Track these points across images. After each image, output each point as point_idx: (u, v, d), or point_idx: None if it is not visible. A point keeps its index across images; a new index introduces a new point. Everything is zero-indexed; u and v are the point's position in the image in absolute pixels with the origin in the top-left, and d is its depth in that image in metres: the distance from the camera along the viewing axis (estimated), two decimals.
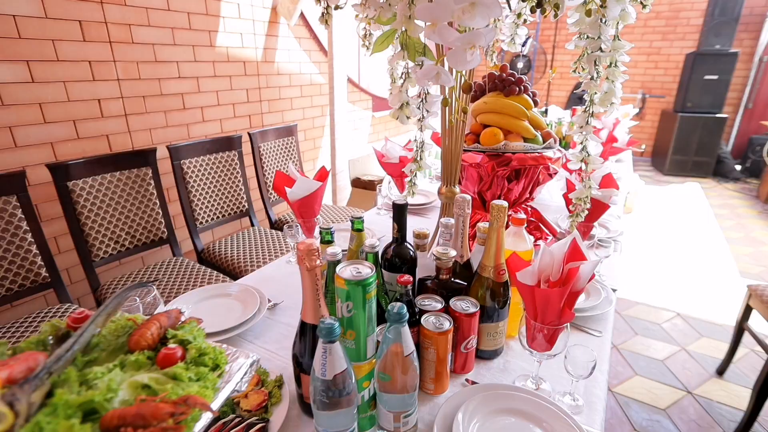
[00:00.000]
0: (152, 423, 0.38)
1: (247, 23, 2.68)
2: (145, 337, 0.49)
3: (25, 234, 1.47)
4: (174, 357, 0.48)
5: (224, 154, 2.07)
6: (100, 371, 0.44)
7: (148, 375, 0.45)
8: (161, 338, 0.52)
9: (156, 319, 0.53)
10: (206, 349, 0.50)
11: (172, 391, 0.42)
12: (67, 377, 0.43)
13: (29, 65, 1.80)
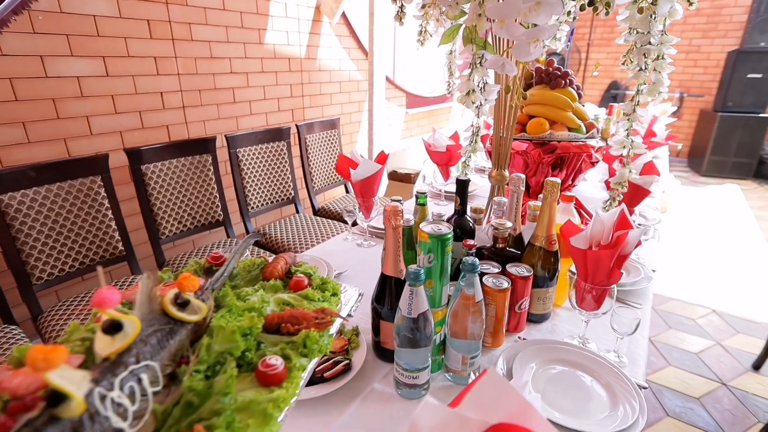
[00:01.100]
0: (302, 322, 0.50)
1: (292, 21, 2.85)
2: (277, 269, 0.63)
3: (107, 211, 1.66)
4: (303, 283, 0.61)
5: (274, 144, 2.23)
6: (249, 290, 0.57)
7: (287, 294, 0.58)
8: (286, 272, 0.65)
9: (282, 257, 0.67)
10: (326, 279, 0.63)
11: (309, 306, 0.55)
12: (225, 293, 0.57)
13: (105, 60, 2.00)
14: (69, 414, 0.33)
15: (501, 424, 0.36)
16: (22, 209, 1.44)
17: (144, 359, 0.40)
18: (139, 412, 0.38)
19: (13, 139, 1.79)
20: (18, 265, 1.45)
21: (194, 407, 0.38)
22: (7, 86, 1.73)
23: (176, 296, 0.47)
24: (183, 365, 0.43)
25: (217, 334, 0.45)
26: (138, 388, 0.38)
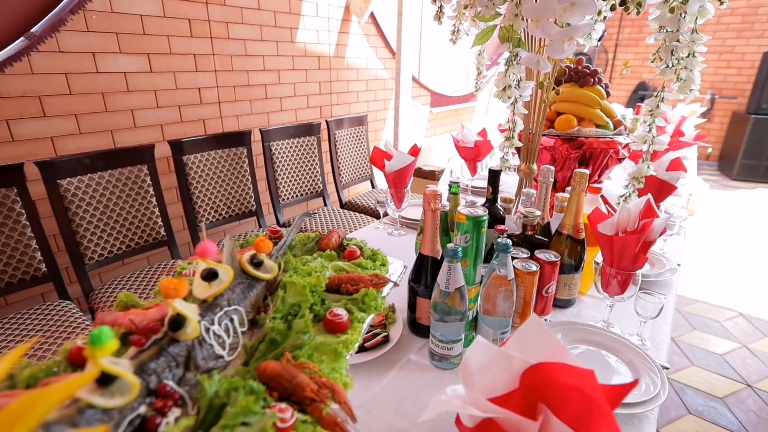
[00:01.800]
0: (359, 284, 0.58)
1: (323, 21, 2.94)
2: (331, 241, 0.70)
3: (151, 198, 1.77)
4: (356, 254, 0.68)
5: (305, 139, 2.33)
6: (308, 258, 0.65)
7: (342, 263, 0.65)
8: (339, 244, 0.73)
9: (335, 232, 0.74)
10: (376, 251, 0.71)
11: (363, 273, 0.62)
12: (288, 260, 0.65)
13: (149, 57, 2.13)
14: (185, 338, 0.41)
15: (540, 364, 0.42)
16: (78, 194, 1.57)
17: (233, 304, 0.48)
18: (233, 345, 0.46)
19: (66, 130, 1.92)
20: (73, 245, 1.58)
21: (277, 343, 0.45)
22: (63, 81, 1.87)
23: (252, 257, 0.55)
24: (261, 313, 0.51)
25: (289, 289, 0.52)
26: (231, 326, 0.46)
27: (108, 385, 0.33)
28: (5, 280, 1.46)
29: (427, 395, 0.77)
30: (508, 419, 0.40)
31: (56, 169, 1.53)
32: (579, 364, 0.42)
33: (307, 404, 0.38)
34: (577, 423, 0.39)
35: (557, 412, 0.41)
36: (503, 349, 0.43)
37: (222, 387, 0.36)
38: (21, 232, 1.47)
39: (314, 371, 0.40)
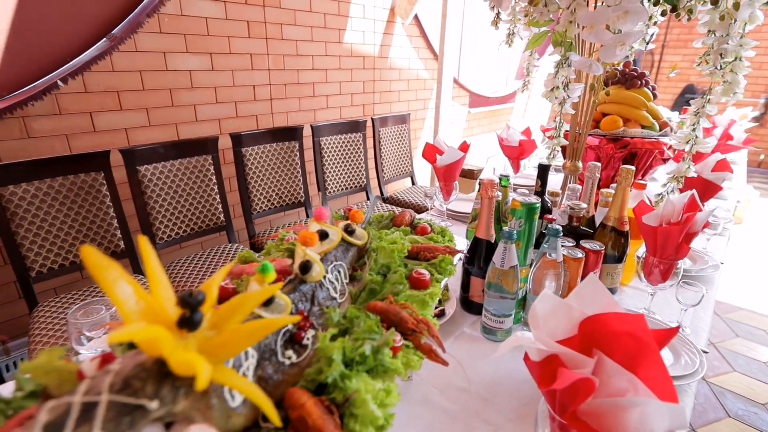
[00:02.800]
0: (435, 253, 0.68)
1: (368, 22, 3.07)
2: (405, 219, 0.82)
3: (214, 186, 1.94)
4: (427, 230, 0.79)
5: (351, 135, 2.46)
6: (387, 231, 0.76)
7: (416, 236, 0.76)
8: (410, 222, 0.84)
9: (407, 211, 0.85)
10: (444, 228, 0.81)
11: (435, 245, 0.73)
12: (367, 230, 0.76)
13: (211, 57, 2.31)
14: (311, 279, 0.53)
15: (596, 315, 0.52)
16: (153, 180, 1.75)
17: (338, 260, 0.60)
18: (342, 291, 0.57)
19: (138, 123, 2.13)
20: (147, 226, 1.77)
21: (376, 292, 0.57)
22: (137, 78, 2.07)
23: (347, 226, 0.67)
24: (358, 271, 0.63)
25: (380, 252, 0.64)
26: (339, 276, 0.58)
27: (269, 305, 0.45)
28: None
29: (480, 361, 0.87)
30: (568, 355, 0.49)
31: (136, 157, 1.71)
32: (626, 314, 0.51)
33: (408, 334, 0.49)
34: (628, 361, 0.49)
35: (610, 355, 0.50)
36: (565, 300, 0.52)
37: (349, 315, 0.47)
38: (105, 212, 1.66)
39: (412, 311, 0.51)
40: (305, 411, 0.36)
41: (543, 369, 0.50)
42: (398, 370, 0.44)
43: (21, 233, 1.49)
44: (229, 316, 0.37)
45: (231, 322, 0.35)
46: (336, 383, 0.39)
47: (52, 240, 1.56)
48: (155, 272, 0.35)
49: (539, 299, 0.53)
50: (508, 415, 0.74)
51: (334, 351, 0.41)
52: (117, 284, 0.32)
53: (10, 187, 1.46)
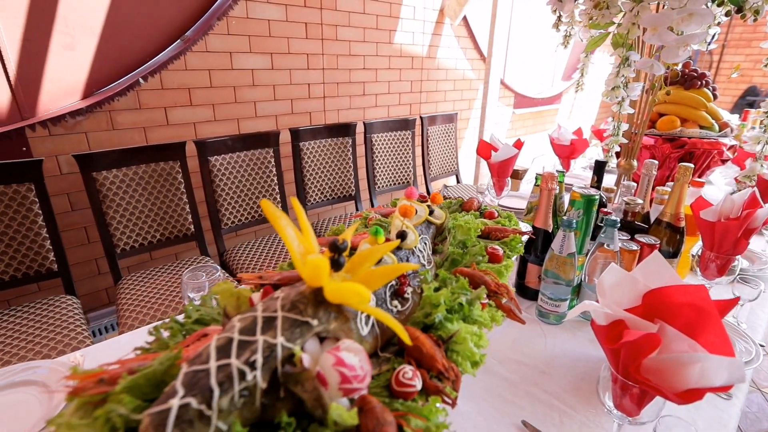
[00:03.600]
0: (505, 235, 0.76)
1: (418, 23, 3.16)
2: (473, 205, 0.90)
3: (273, 177, 2.09)
4: (494, 215, 0.87)
5: (401, 133, 2.56)
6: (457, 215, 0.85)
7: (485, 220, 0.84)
8: (478, 208, 0.92)
9: (474, 199, 0.94)
10: (510, 214, 0.89)
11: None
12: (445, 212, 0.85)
13: (272, 56, 2.47)
14: (406, 246, 0.62)
15: (659, 288, 0.58)
16: (222, 170, 1.91)
17: (423, 234, 0.69)
18: (428, 259, 0.66)
19: (205, 117, 2.31)
20: (214, 212, 1.93)
21: (457, 262, 0.65)
22: (206, 76, 2.25)
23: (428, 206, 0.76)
24: (438, 245, 0.72)
25: (457, 230, 0.72)
26: (425, 247, 0.67)
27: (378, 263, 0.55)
28: (166, 236, 1.83)
29: (536, 340, 0.94)
30: (633, 320, 0.56)
31: (207, 148, 1.87)
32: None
33: (491, 296, 0.57)
34: (689, 330, 0.55)
35: (672, 325, 0.56)
36: (630, 273, 0.59)
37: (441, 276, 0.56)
38: (179, 197, 1.83)
39: (494, 276, 0.59)
40: (420, 341, 0.45)
41: (609, 332, 0.57)
42: (486, 321, 0.52)
43: (110, 213, 1.68)
44: (360, 263, 0.46)
45: (363, 268, 0.45)
46: (441, 324, 0.48)
47: (134, 221, 1.74)
48: (307, 226, 0.45)
49: (607, 271, 0.59)
50: (565, 386, 0.81)
51: (440, 298, 0.49)
52: (287, 230, 0.42)
53: (104, 172, 1.65)
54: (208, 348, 0.38)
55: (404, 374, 0.41)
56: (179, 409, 0.34)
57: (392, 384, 0.41)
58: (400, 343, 0.48)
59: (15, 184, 1.48)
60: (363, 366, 0.39)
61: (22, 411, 0.72)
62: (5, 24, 1.69)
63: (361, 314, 0.45)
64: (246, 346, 0.37)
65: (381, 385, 0.42)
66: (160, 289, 1.62)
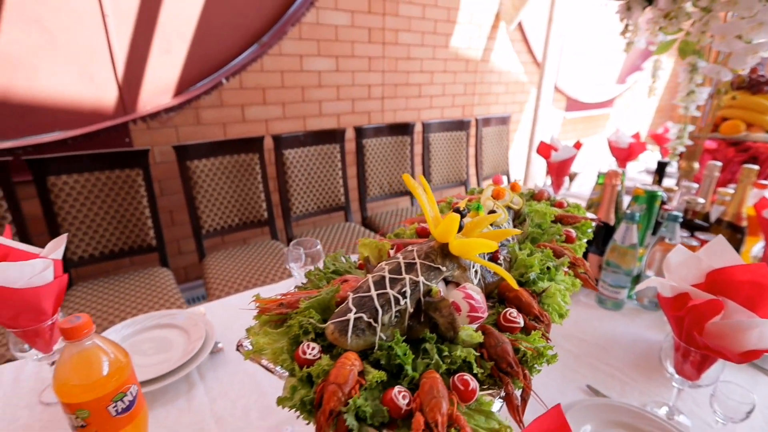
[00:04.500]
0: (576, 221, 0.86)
1: (474, 28, 3.24)
2: (543, 195, 1.00)
3: (338, 171, 2.25)
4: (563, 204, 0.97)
5: (456, 133, 2.66)
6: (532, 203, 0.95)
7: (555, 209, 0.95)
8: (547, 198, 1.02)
9: (544, 190, 1.04)
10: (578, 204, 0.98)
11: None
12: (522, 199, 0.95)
13: (337, 59, 2.63)
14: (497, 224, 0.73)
15: (722, 268, 0.66)
16: (294, 163, 2.09)
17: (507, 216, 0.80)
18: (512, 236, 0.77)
19: (276, 115, 2.50)
20: (285, 201, 2.11)
21: (536, 240, 0.76)
22: (279, 77, 2.44)
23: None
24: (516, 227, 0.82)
25: (534, 214, 0.83)
26: (509, 226, 0.78)
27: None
28: (243, 221, 2.02)
29: (596, 322, 1.02)
30: (696, 293, 0.64)
31: (283, 142, 2.06)
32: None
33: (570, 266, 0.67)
34: (750, 304, 0.63)
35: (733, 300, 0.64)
36: (696, 254, 0.67)
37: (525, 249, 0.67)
38: (256, 187, 2.02)
39: (571, 251, 0.69)
40: (519, 293, 0.56)
41: (674, 302, 0.66)
42: (568, 285, 0.62)
43: (198, 198, 1.89)
44: (473, 228, 0.58)
45: (474, 232, 0.57)
46: (534, 282, 0.59)
47: (218, 206, 1.94)
48: (432, 196, 0.58)
49: (673, 252, 0.68)
50: (625, 361, 0.89)
51: (533, 260, 0.60)
52: (422, 197, 0.55)
53: (195, 161, 1.86)
54: (367, 282, 0.51)
55: (510, 314, 0.52)
56: (355, 321, 0.47)
57: (500, 321, 0.52)
58: (499, 295, 0.60)
59: (127, 169, 1.71)
60: (483, 301, 0.51)
61: (169, 344, 0.89)
62: (117, 31, 1.94)
63: (472, 267, 0.57)
64: (396, 282, 0.50)
65: (489, 323, 0.53)
66: (241, 265, 1.80)
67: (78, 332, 0.51)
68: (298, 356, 0.45)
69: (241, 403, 0.78)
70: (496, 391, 0.45)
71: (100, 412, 0.52)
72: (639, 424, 0.70)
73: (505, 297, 0.57)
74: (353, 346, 0.46)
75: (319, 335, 0.49)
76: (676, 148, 1.26)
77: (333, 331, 0.46)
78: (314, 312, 0.50)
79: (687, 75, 1.16)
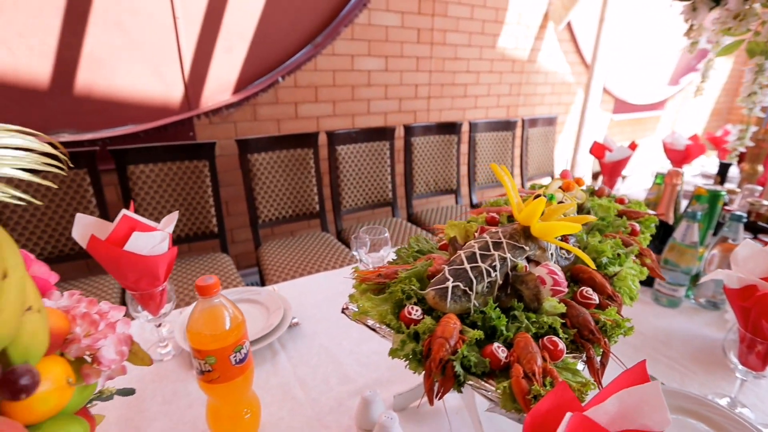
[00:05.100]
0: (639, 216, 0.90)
1: (522, 28, 3.26)
2: (604, 192, 1.04)
3: (387, 168, 2.33)
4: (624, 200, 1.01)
5: (502, 134, 2.69)
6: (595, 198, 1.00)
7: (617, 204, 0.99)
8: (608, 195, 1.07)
9: (604, 188, 1.08)
10: (638, 200, 1.02)
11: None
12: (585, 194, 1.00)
13: (386, 59, 2.72)
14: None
15: None
16: (345, 158, 2.19)
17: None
18: None
19: (326, 112, 2.62)
20: (336, 195, 2.21)
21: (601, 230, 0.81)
22: (330, 76, 2.55)
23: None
24: None
25: (598, 208, 0.88)
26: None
27: None
28: (296, 212, 2.14)
29: (653, 318, 1.05)
30: (764, 284, 0.67)
31: (336, 138, 2.16)
32: None
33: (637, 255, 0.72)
34: None
35: None
36: (764, 248, 0.70)
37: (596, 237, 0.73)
38: (310, 180, 2.14)
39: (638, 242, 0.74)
40: (593, 274, 0.61)
41: (741, 294, 0.69)
42: (636, 273, 0.67)
43: (257, 189, 2.02)
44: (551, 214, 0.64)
45: (553, 217, 0.63)
46: (606, 266, 0.64)
47: (274, 197, 2.07)
48: (515, 185, 0.64)
49: (741, 245, 0.72)
50: (684, 355, 0.92)
51: (605, 246, 0.66)
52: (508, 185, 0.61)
53: (255, 154, 1.99)
54: (459, 257, 0.58)
55: (586, 291, 0.58)
56: (452, 288, 0.54)
57: (576, 297, 0.58)
58: (572, 276, 0.65)
59: (195, 160, 1.85)
60: (563, 278, 0.57)
61: (252, 316, 0.99)
62: (185, 33, 2.10)
63: (549, 249, 0.63)
64: (486, 257, 0.57)
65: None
66: (294, 254, 1.91)
67: (210, 290, 0.61)
68: (404, 316, 0.53)
69: (320, 370, 0.87)
70: (577, 355, 0.51)
71: (223, 360, 0.62)
72: (701, 411, 0.73)
73: (579, 278, 0.63)
74: (451, 309, 0.53)
75: (418, 301, 0.57)
76: (736, 148, 1.26)
77: (434, 297, 0.54)
78: (414, 281, 0.58)
79: (752, 76, 1.16)
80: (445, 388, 0.46)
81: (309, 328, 1.01)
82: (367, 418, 0.70)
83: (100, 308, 0.52)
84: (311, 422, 0.75)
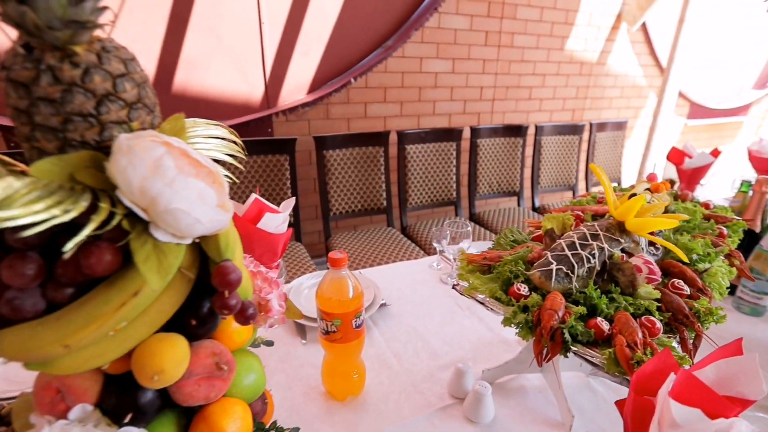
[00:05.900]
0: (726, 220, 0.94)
1: (592, 29, 3.22)
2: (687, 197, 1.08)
3: (452, 167, 2.42)
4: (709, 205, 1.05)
5: (568, 137, 2.70)
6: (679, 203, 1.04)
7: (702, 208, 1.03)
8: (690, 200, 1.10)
9: (687, 192, 1.12)
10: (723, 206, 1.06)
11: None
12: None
13: (453, 62, 2.80)
14: None
15: None
16: (414, 157, 2.30)
17: None
18: None
19: (394, 113, 2.74)
20: (403, 192, 2.33)
21: (687, 232, 0.86)
22: (399, 77, 2.67)
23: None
24: None
25: (683, 211, 0.93)
26: None
27: None
28: (364, 207, 2.28)
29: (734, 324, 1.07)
30: None
31: (406, 138, 2.27)
32: None
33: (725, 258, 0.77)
34: None
35: None
36: None
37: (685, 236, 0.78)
38: (379, 177, 2.27)
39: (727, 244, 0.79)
40: (684, 269, 0.68)
41: None
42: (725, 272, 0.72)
43: (330, 183, 2.17)
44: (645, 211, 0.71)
45: (647, 214, 0.70)
46: (696, 262, 0.70)
47: (345, 191, 2.21)
48: (610, 184, 0.72)
49: None
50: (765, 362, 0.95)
51: (696, 244, 0.72)
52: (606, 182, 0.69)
53: (330, 151, 2.14)
54: (560, 244, 0.67)
55: (678, 282, 0.65)
56: (556, 270, 0.63)
57: (668, 287, 0.65)
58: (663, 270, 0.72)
59: (277, 154, 2.03)
60: (657, 268, 0.64)
61: None
62: (269, 36, 2.29)
63: (641, 243, 0.70)
64: (585, 246, 0.65)
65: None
66: (363, 246, 2.04)
67: (340, 262, 0.73)
68: (513, 292, 0.63)
69: (410, 345, 0.98)
70: (671, 336, 0.59)
71: (346, 323, 0.74)
72: None
73: (670, 272, 0.70)
74: (555, 289, 0.62)
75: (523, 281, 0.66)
76: None
77: (540, 277, 0.63)
78: (521, 263, 0.67)
79: None
80: (553, 353, 0.56)
81: (396, 309, 1.12)
82: (460, 386, 0.80)
83: (261, 269, 0.66)
84: (407, 388, 0.86)
